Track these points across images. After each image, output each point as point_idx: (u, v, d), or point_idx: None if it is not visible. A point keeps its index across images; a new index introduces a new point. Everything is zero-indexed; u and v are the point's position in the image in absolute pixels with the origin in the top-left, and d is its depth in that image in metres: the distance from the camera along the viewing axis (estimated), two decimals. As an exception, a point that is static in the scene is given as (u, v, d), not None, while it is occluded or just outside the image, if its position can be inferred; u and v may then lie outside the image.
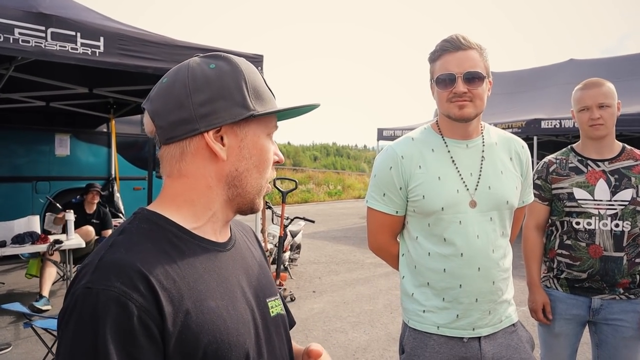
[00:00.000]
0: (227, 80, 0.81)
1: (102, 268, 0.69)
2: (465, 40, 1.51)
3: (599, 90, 2.01)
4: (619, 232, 1.97)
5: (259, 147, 0.85)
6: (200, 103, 0.79)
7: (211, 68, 0.82)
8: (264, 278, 0.94)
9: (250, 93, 0.82)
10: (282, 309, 0.96)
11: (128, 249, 0.73)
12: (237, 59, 0.85)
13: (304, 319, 4.75)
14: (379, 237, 1.72)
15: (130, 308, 0.66)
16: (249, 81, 0.83)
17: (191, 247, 0.80)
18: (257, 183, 0.86)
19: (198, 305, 0.73)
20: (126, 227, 0.79)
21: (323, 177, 22.95)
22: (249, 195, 0.86)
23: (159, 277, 0.71)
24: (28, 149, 7.11)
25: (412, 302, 1.62)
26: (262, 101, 0.84)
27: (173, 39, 4.11)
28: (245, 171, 0.84)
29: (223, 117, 0.80)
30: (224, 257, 0.85)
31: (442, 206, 1.53)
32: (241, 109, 0.81)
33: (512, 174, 1.62)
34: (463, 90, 1.48)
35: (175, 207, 0.83)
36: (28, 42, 3.30)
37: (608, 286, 2.01)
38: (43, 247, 4.59)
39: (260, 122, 0.85)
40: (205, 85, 0.80)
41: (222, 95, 0.81)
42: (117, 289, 0.66)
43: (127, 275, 0.68)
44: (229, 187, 0.84)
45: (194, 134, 0.80)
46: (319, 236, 9.82)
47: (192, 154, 0.82)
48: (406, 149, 1.61)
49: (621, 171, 2.02)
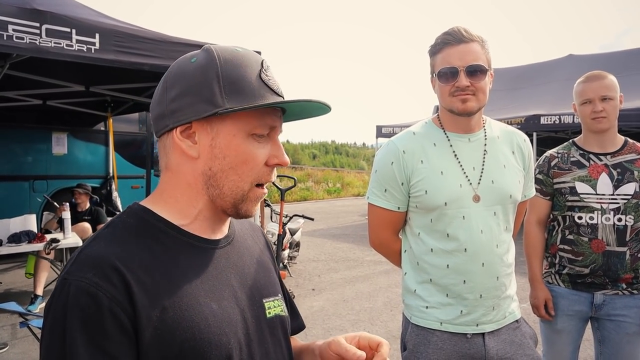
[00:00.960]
0: (198, 74, 0.77)
1: (79, 260, 0.70)
2: (467, 33, 1.48)
3: (602, 82, 1.98)
4: (622, 227, 1.95)
5: (234, 147, 0.78)
6: (171, 99, 0.78)
7: (191, 62, 0.79)
8: (263, 278, 0.90)
9: (223, 88, 0.76)
10: (284, 310, 0.92)
11: (108, 242, 0.73)
12: (222, 50, 0.79)
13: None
14: (380, 234, 1.70)
15: (100, 299, 0.66)
16: (225, 75, 0.76)
17: (177, 243, 0.78)
18: (236, 186, 0.79)
19: (177, 301, 0.72)
20: (113, 221, 0.79)
21: (322, 175, 22.93)
22: (227, 198, 0.80)
23: (136, 270, 0.70)
24: (25, 147, 7.08)
25: (415, 299, 1.60)
26: (241, 97, 0.76)
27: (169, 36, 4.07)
28: (220, 172, 0.79)
29: (188, 114, 0.77)
30: (214, 255, 0.82)
31: (445, 201, 1.50)
32: (207, 105, 0.76)
33: (515, 168, 1.59)
34: (466, 84, 1.46)
35: (163, 202, 0.82)
36: (22, 38, 3.26)
37: (611, 281, 1.98)
38: (39, 246, 4.55)
39: (238, 120, 0.77)
40: (178, 80, 0.78)
41: (190, 91, 0.77)
42: (89, 280, 0.67)
43: (100, 268, 0.68)
44: (207, 186, 0.80)
45: (167, 130, 0.79)
46: (318, 234, 9.79)
47: (171, 149, 0.81)
48: (408, 143, 1.58)
49: (624, 165, 1.99)
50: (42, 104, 6.69)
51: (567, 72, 10.30)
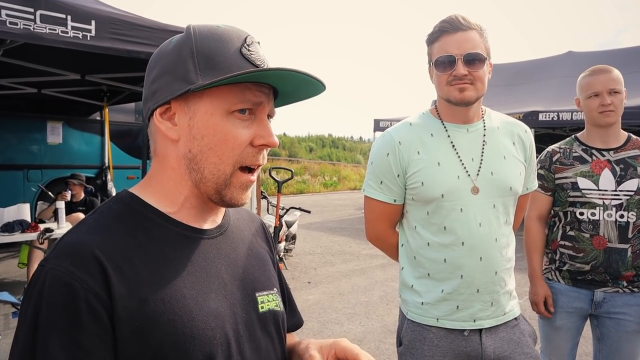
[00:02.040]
0: (173, 53, 0.75)
1: (58, 248, 0.68)
2: (465, 21, 1.44)
3: (610, 75, 1.94)
4: (624, 223, 1.92)
5: (212, 126, 0.73)
6: (151, 80, 0.77)
7: (171, 42, 0.77)
8: (257, 270, 0.86)
9: (197, 64, 0.72)
10: (278, 305, 0.87)
11: (91, 229, 0.71)
12: (201, 27, 0.75)
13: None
14: (377, 227, 1.66)
15: (76, 288, 0.64)
16: (200, 50, 0.72)
17: (163, 232, 0.74)
18: (217, 169, 0.74)
19: (159, 293, 0.68)
20: (99, 208, 0.76)
21: (319, 168, 22.89)
22: (209, 183, 0.75)
23: (116, 259, 0.68)
24: (19, 136, 7.01)
25: (412, 294, 1.57)
26: (216, 72, 0.71)
27: (166, 24, 4.01)
28: (199, 154, 0.74)
29: (164, 94, 0.74)
30: (205, 245, 0.78)
31: (442, 193, 1.47)
32: (181, 82, 0.72)
33: (516, 159, 1.56)
34: (463, 73, 1.42)
35: (151, 189, 0.79)
36: (16, 24, 3.20)
37: (611, 279, 1.96)
38: (33, 236, 4.50)
39: (215, 97, 0.73)
40: (158, 61, 0.77)
41: (166, 70, 0.75)
42: (65, 268, 0.65)
43: (78, 256, 0.66)
44: (189, 170, 0.76)
45: (150, 113, 0.77)
46: (314, 227, 9.77)
47: (155, 133, 0.79)
48: (404, 134, 1.54)
49: (627, 161, 1.97)
50: (37, 93, 6.61)
51: (566, 69, 10.27)
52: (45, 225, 4.88)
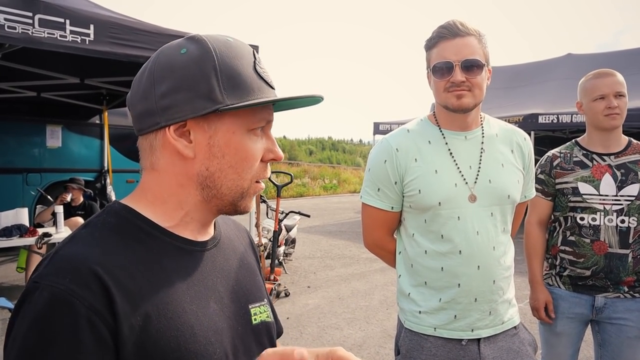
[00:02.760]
0: (193, 67, 0.71)
1: (54, 262, 0.64)
2: (463, 26, 1.42)
3: (615, 78, 1.93)
4: (625, 229, 1.91)
5: (234, 144, 0.73)
6: (162, 94, 0.71)
7: (181, 54, 0.72)
8: (249, 282, 0.85)
9: (221, 82, 0.71)
10: (269, 316, 0.87)
11: (87, 243, 0.67)
12: (216, 41, 0.74)
13: (298, 314, 4.68)
14: (374, 234, 1.64)
15: (77, 307, 0.60)
16: (222, 68, 0.71)
17: (161, 245, 0.72)
18: (235, 185, 0.75)
19: (161, 309, 0.66)
20: (92, 221, 0.73)
21: (318, 171, 22.88)
22: (226, 198, 0.76)
23: (117, 275, 0.64)
24: (19, 140, 6.98)
25: (409, 303, 1.55)
26: (239, 92, 0.72)
27: (165, 28, 4.01)
28: (218, 171, 0.74)
29: (184, 111, 0.71)
30: (201, 258, 0.77)
31: (439, 201, 1.45)
32: (205, 101, 0.70)
33: (514, 167, 1.54)
34: (461, 79, 1.41)
35: (147, 202, 0.76)
36: (14, 28, 3.19)
37: (612, 284, 1.94)
38: (31, 241, 4.49)
39: (237, 116, 0.73)
40: (169, 73, 0.72)
41: (185, 86, 0.71)
42: (64, 285, 0.60)
43: (78, 272, 0.62)
44: (202, 187, 0.75)
45: (157, 128, 0.73)
46: (314, 230, 9.75)
47: (160, 148, 0.75)
48: (401, 141, 1.53)
49: (627, 165, 1.95)
50: (37, 96, 6.60)
51: (566, 71, 10.28)
52: (44, 229, 4.87)
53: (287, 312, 4.72)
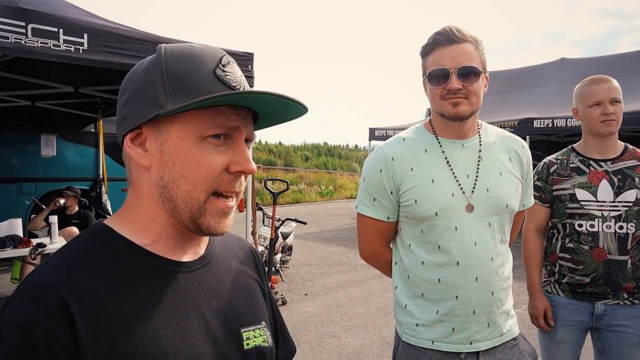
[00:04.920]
0: (142, 75, 0.71)
1: (22, 289, 0.64)
2: (459, 33, 1.40)
3: (611, 84, 1.93)
4: (623, 235, 1.90)
5: (183, 152, 0.69)
6: (122, 106, 0.73)
7: (140, 65, 0.73)
8: (244, 304, 0.81)
9: (168, 87, 0.68)
10: (266, 340, 0.81)
11: (57, 268, 0.66)
12: (172, 47, 0.72)
13: (296, 323, 4.65)
14: (370, 244, 1.61)
15: (36, 335, 0.59)
16: (170, 72, 0.69)
17: (138, 266, 0.70)
18: (190, 197, 0.70)
19: (130, 334, 0.63)
20: (69, 243, 0.72)
21: (314, 177, 22.85)
22: (183, 212, 0.71)
23: (84, 301, 0.63)
24: (13, 149, 6.95)
25: (406, 315, 1.52)
26: (188, 95, 0.67)
27: (160, 36, 3.99)
28: (171, 181, 0.70)
29: (134, 119, 0.71)
30: (184, 279, 0.74)
31: (435, 211, 1.42)
32: (150, 107, 0.68)
33: (512, 176, 1.51)
34: (457, 87, 1.38)
35: (126, 219, 0.74)
36: (7, 38, 3.17)
37: (612, 291, 1.93)
38: (25, 252, 4.43)
39: (186, 122, 0.69)
40: (128, 84, 0.74)
41: (135, 94, 0.71)
42: (25, 313, 0.60)
43: (42, 298, 0.61)
44: (162, 199, 0.72)
45: (121, 139, 0.74)
46: (310, 237, 9.72)
47: (128, 160, 0.74)
48: (397, 150, 1.50)
49: (624, 171, 1.95)
50: (31, 105, 6.57)
51: (560, 75, 10.36)
52: (38, 240, 4.82)
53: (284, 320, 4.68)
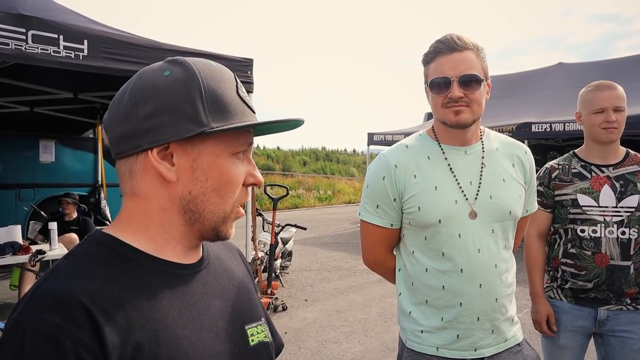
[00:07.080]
0: (177, 90, 0.70)
1: (36, 298, 0.62)
2: (460, 41, 1.40)
3: (615, 92, 1.93)
4: (626, 240, 1.90)
5: (218, 168, 0.73)
6: (145, 116, 0.70)
7: (165, 76, 0.71)
8: (244, 302, 0.84)
9: (206, 105, 0.71)
10: (267, 335, 0.86)
11: (69, 275, 0.65)
12: (199, 64, 0.74)
13: (296, 329, 4.63)
14: (374, 252, 1.61)
15: (64, 343, 0.57)
16: (207, 91, 0.71)
17: (148, 271, 0.71)
18: (218, 208, 0.75)
19: (153, 336, 0.64)
20: (73, 251, 0.71)
21: (313, 182, 22.84)
22: (208, 222, 0.75)
23: (104, 305, 0.62)
24: (11, 155, 6.93)
25: (410, 322, 1.52)
26: (224, 115, 0.72)
27: (159, 42, 4.00)
28: (201, 195, 0.73)
29: (168, 134, 0.70)
30: (191, 280, 0.76)
31: (439, 218, 1.42)
32: (191, 124, 0.70)
33: (515, 182, 1.51)
34: (459, 95, 1.38)
35: (130, 229, 0.74)
36: (7, 44, 3.18)
37: (615, 296, 1.93)
38: (24, 258, 4.42)
39: (220, 140, 0.73)
40: (152, 95, 0.70)
41: (169, 108, 0.70)
42: (49, 321, 0.58)
43: (62, 305, 0.60)
44: (184, 211, 0.74)
45: (139, 151, 0.71)
46: (310, 242, 9.70)
47: (141, 172, 0.73)
48: (400, 157, 1.50)
49: (626, 177, 1.95)
50: (30, 111, 6.57)
51: (557, 80, 10.39)
52: (37, 247, 4.80)
53: (285, 326, 4.66)
